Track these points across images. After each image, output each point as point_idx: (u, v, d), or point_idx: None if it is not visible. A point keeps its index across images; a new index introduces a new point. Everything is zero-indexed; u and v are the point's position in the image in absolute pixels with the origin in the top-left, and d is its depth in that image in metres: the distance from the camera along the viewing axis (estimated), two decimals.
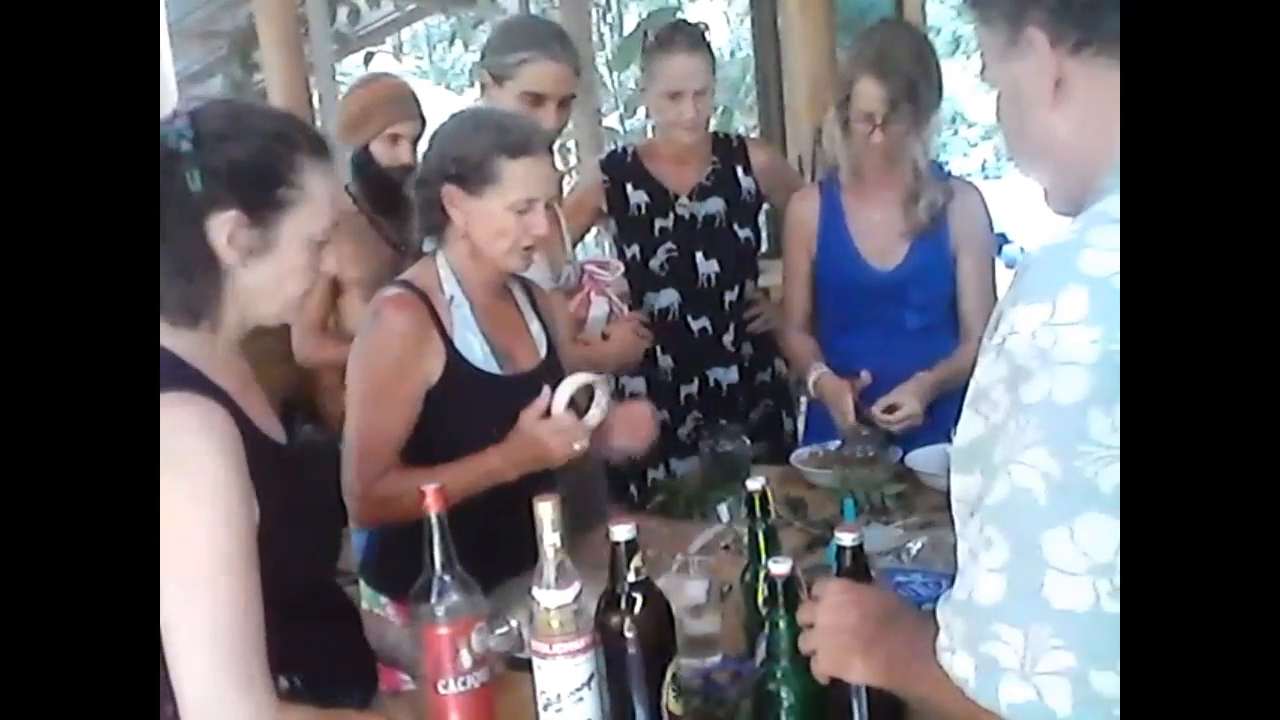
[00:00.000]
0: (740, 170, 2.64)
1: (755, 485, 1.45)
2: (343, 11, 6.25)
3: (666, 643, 1.33)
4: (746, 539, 1.51)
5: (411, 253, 2.00)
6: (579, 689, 1.26)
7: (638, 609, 1.28)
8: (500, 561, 1.56)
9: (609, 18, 8.83)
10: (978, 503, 0.92)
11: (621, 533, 1.29)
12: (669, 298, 2.61)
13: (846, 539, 1.24)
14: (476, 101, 2.60)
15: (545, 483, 1.74)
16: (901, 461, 2.23)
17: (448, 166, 1.82)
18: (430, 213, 1.86)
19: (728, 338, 2.64)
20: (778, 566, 1.18)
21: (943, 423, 2.15)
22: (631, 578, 1.29)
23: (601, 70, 7.60)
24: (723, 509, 2.07)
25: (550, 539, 1.24)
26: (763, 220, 2.78)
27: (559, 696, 1.26)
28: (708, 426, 2.50)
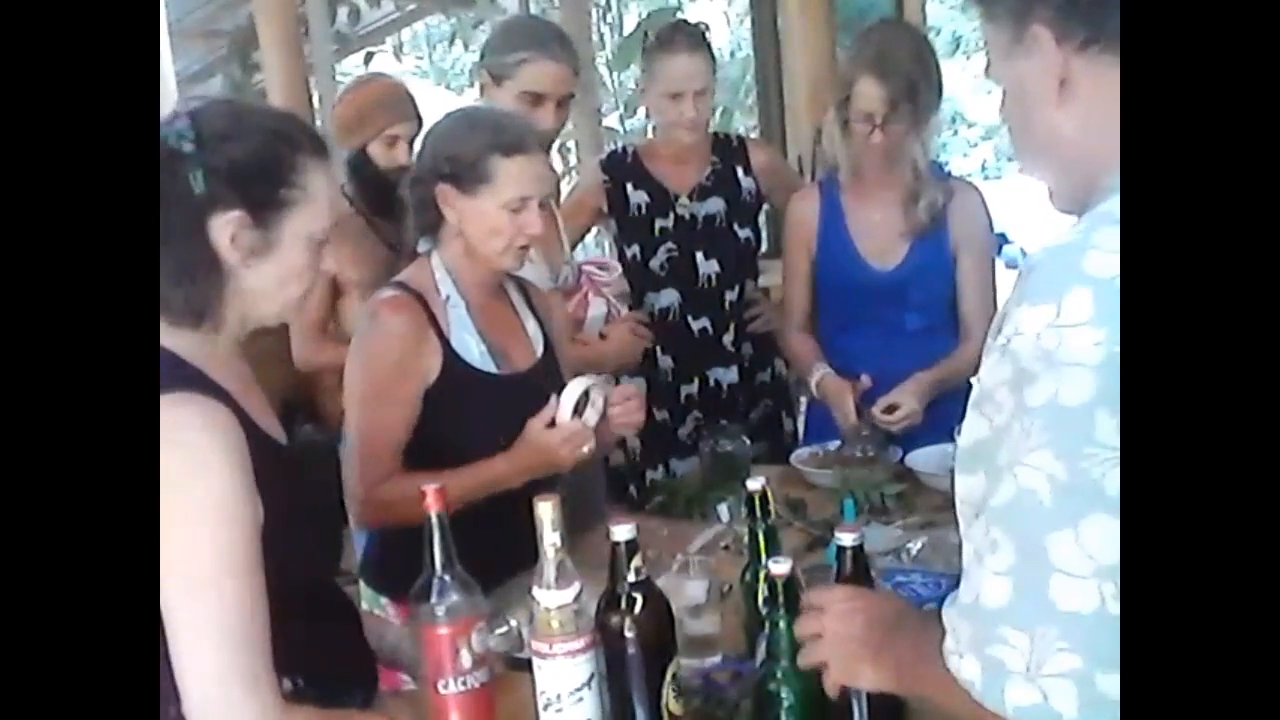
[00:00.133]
0: (740, 170, 2.63)
1: (755, 485, 1.45)
2: (343, 11, 6.24)
3: (667, 643, 1.33)
4: (746, 539, 1.51)
5: (407, 253, 1.99)
6: (579, 689, 1.26)
7: (638, 609, 1.28)
8: (500, 561, 1.56)
9: (609, 18, 8.83)
10: (982, 504, 0.92)
11: (622, 533, 1.29)
12: (669, 298, 2.61)
13: (847, 539, 1.24)
14: (476, 102, 2.60)
15: (545, 483, 1.74)
16: (901, 462, 2.23)
17: (442, 165, 1.81)
18: (424, 212, 1.86)
19: (728, 338, 2.64)
20: (778, 567, 1.18)
21: (943, 423, 2.15)
22: (632, 578, 1.29)
23: (601, 70, 7.60)
24: (723, 509, 2.07)
25: (550, 539, 1.24)
26: (763, 220, 2.78)
27: (559, 696, 1.26)
28: (708, 426, 2.50)
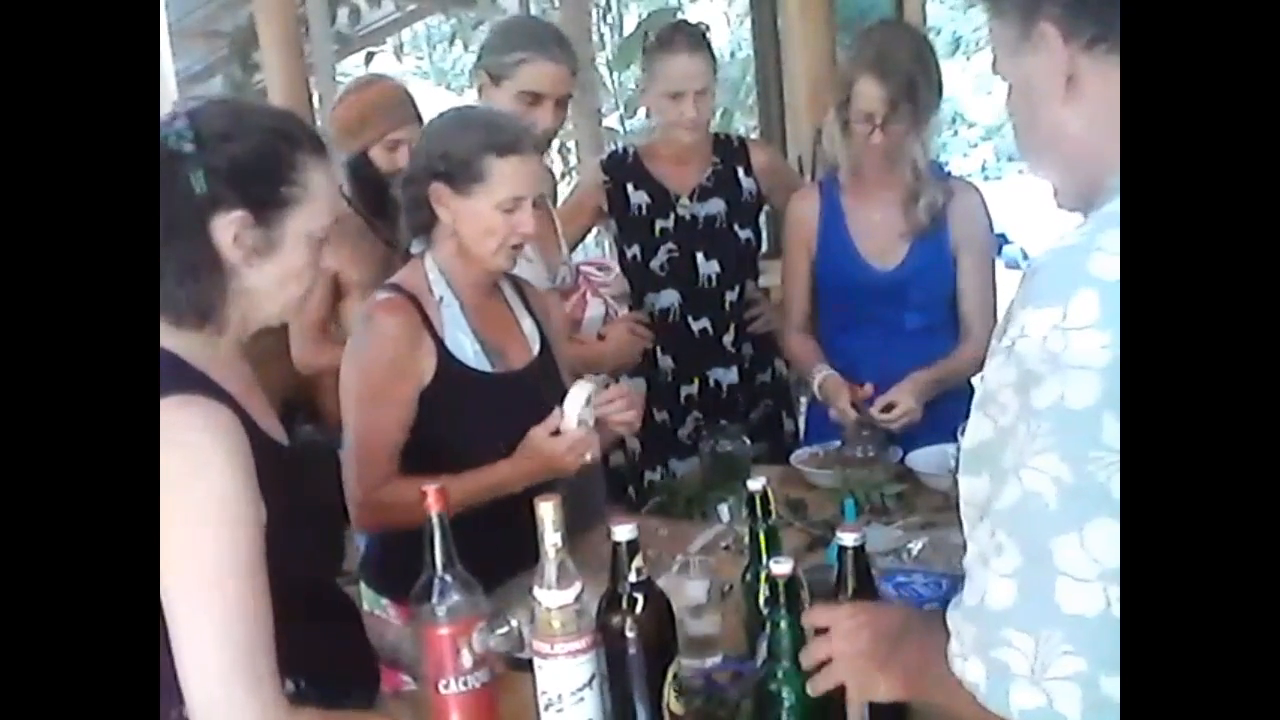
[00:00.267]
0: (741, 171, 2.63)
1: (756, 485, 1.45)
2: (343, 12, 6.25)
3: (668, 643, 1.33)
4: (747, 539, 1.51)
5: (400, 254, 1.99)
6: (580, 689, 1.25)
7: (639, 609, 1.29)
8: (501, 561, 1.56)
9: (609, 18, 8.83)
10: (986, 506, 0.91)
11: (623, 533, 1.29)
12: (669, 298, 2.61)
13: (848, 539, 1.24)
14: (474, 102, 2.59)
15: (545, 484, 1.74)
16: (902, 462, 2.23)
17: (435, 165, 1.81)
18: (417, 211, 1.86)
19: (728, 338, 2.64)
20: (779, 567, 1.18)
21: (943, 423, 2.15)
22: (633, 578, 1.29)
23: (602, 70, 7.60)
24: (723, 509, 2.07)
25: (551, 539, 1.24)
26: (763, 221, 2.78)
27: (560, 696, 1.26)
28: (708, 427, 2.50)
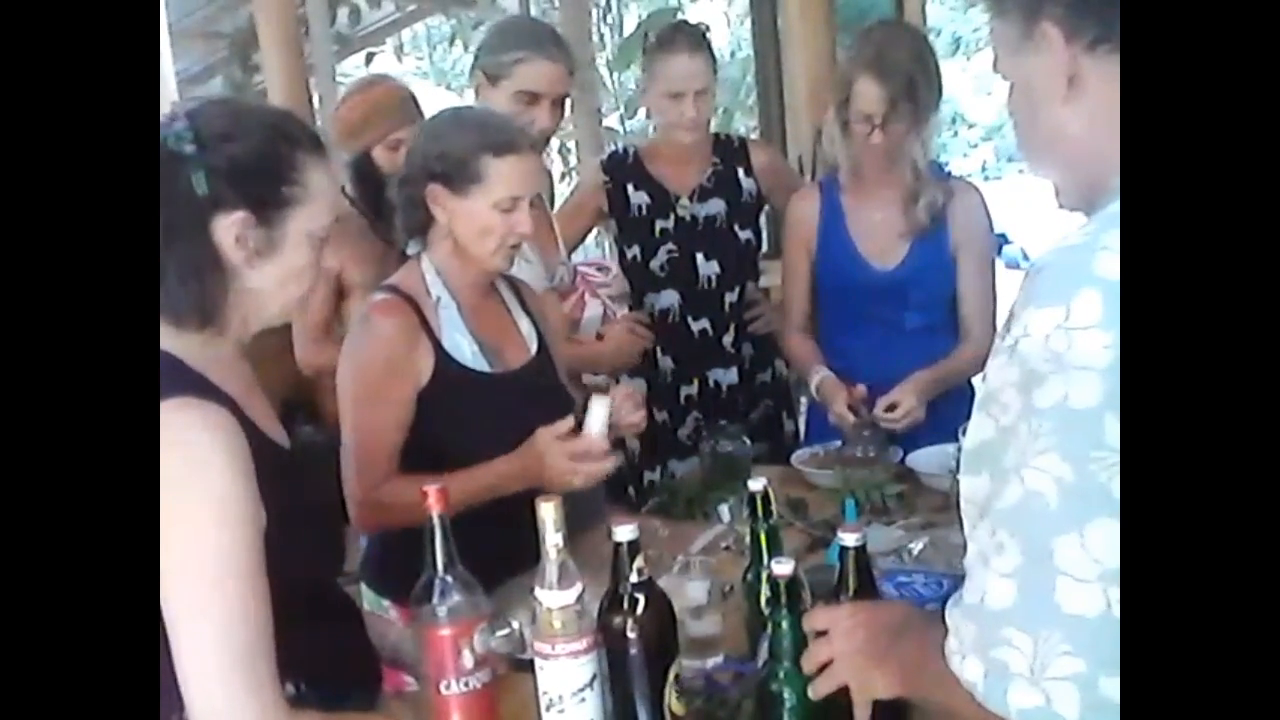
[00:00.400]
0: (741, 171, 2.63)
1: (757, 486, 1.45)
2: (343, 12, 6.24)
3: (669, 643, 1.33)
4: (748, 539, 1.51)
5: (395, 254, 1.99)
6: (581, 689, 1.25)
7: (640, 610, 1.29)
8: (501, 562, 1.56)
9: (609, 18, 8.84)
10: (987, 505, 0.91)
11: (624, 533, 1.29)
12: (669, 299, 2.61)
13: (849, 539, 1.24)
14: (472, 103, 2.59)
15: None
16: (902, 462, 2.23)
17: (432, 166, 1.81)
18: (414, 212, 1.85)
19: (728, 339, 2.64)
20: (780, 567, 1.18)
21: (944, 423, 2.15)
22: (634, 578, 1.29)
23: (602, 70, 7.60)
24: (724, 510, 2.07)
25: (553, 539, 1.24)
26: (763, 221, 2.78)
27: (561, 697, 1.25)
28: (708, 427, 2.50)
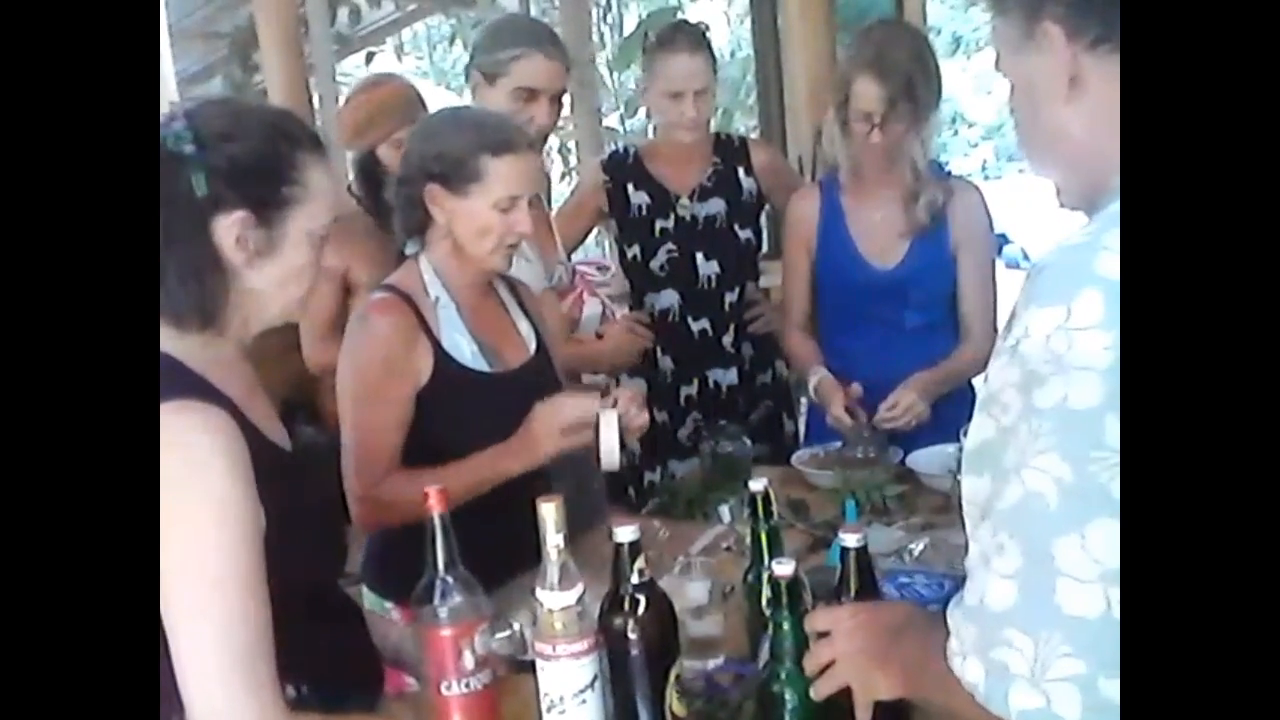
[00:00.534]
0: (741, 171, 2.63)
1: (758, 486, 1.45)
2: (343, 12, 6.23)
3: (670, 644, 1.33)
4: (748, 540, 1.51)
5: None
6: (582, 690, 1.25)
7: (641, 610, 1.28)
8: (502, 563, 1.56)
9: (609, 18, 8.83)
10: (988, 506, 0.91)
11: (625, 534, 1.29)
12: (669, 299, 2.61)
13: (851, 540, 1.24)
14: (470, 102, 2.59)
15: (545, 484, 1.74)
16: (902, 462, 2.23)
17: (430, 166, 1.81)
18: (412, 212, 1.85)
19: (728, 339, 2.64)
20: (781, 568, 1.18)
21: (944, 424, 2.15)
22: (635, 579, 1.29)
23: (602, 70, 7.59)
24: (724, 510, 2.07)
25: (553, 540, 1.24)
26: (763, 221, 2.78)
27: (562, 698, 1.25)
28: (708, 428, 2.50)
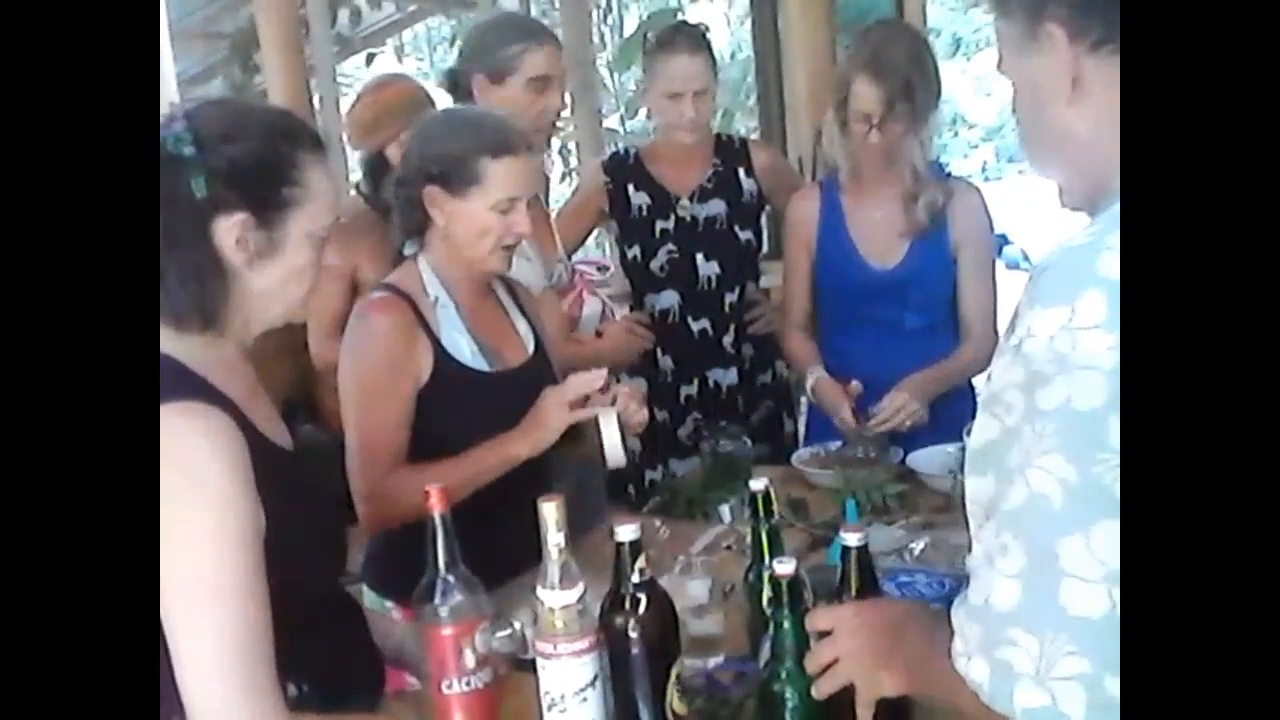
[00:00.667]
0: (742, 172, 2.64)
1: (759, 485, 1.45)
2: (344, 13, 6.23)
3: (670, 643, 1.33)
4: (749, 539, 1.51)
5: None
6: (583, 689, 1.25)
7: (642, 609, 1.29)
8: (503, 562, 1.56)
9: (609, 19, 8.84)
10: (992, 506, 0.92)
11: (626, 533, 1.29)
12: (669, 299, 2.61)
13: (852, 539, 1.24)
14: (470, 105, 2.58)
15: (543, 483, 1.74)
16: (902, 462, 2.23)
17: (429, 168, 1.81)
18: (411, 214, 1.86)
19: (728, 339, 2.64)
20: (782, 567, 1.18)
21: (944, 423, 2.15)
22: (636, 578, 1.29)
23: (602, 71, 7.60)
24: (725, 510, 2.07)
25: (554, 539, 1.24)
26: (764, 222, 2.78)
27: (563, 697, 1.25)
28: (708, 427, 2.50)
